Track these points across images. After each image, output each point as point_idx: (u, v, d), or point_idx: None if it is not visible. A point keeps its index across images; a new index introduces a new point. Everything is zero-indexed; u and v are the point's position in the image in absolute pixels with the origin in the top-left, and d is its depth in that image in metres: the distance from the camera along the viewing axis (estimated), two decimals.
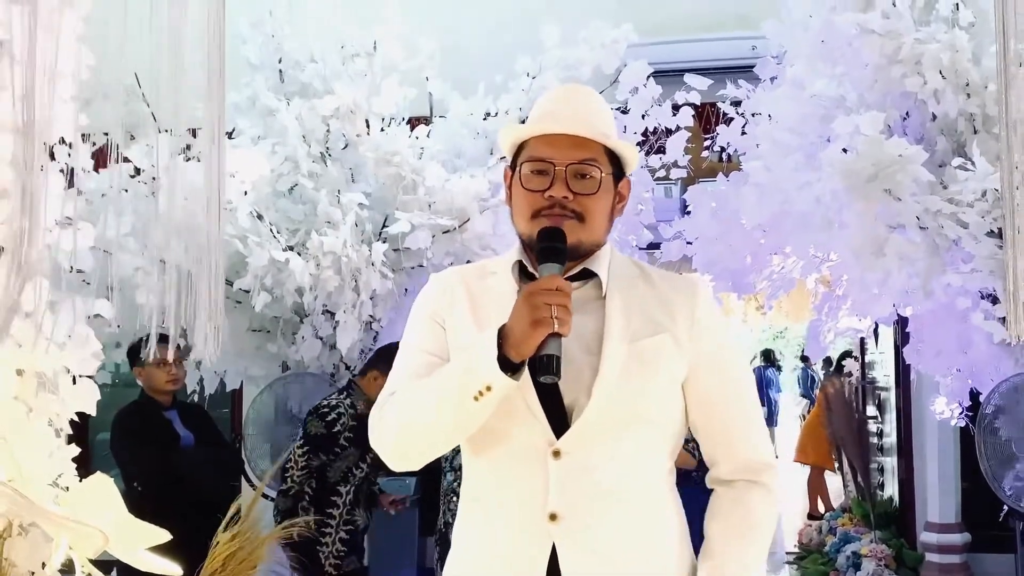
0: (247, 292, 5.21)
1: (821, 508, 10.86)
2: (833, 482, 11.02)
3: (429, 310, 2.11)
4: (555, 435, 1.92)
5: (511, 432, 1.95)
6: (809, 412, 13.03)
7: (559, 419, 1.93)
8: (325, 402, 4.60)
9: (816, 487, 11.28)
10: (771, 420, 17.71)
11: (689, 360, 2.00)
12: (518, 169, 2.05)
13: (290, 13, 5.64)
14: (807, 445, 11.50)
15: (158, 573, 2.87)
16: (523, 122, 2.35)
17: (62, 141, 3.41)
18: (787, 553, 9.57)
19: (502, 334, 1.82)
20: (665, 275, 2.14)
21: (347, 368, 5.65)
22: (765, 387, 17.51)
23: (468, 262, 3.95)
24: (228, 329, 5.42)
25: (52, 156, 3.37)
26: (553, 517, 1.91)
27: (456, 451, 3.23)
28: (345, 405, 4.46)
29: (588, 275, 2.04)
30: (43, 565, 3.05)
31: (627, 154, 2.07)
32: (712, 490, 2.13)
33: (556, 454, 1.92)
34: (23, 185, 3.29)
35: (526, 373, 1.88)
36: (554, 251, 1.91)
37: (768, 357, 17.90)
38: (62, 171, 3.46)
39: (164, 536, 2.96)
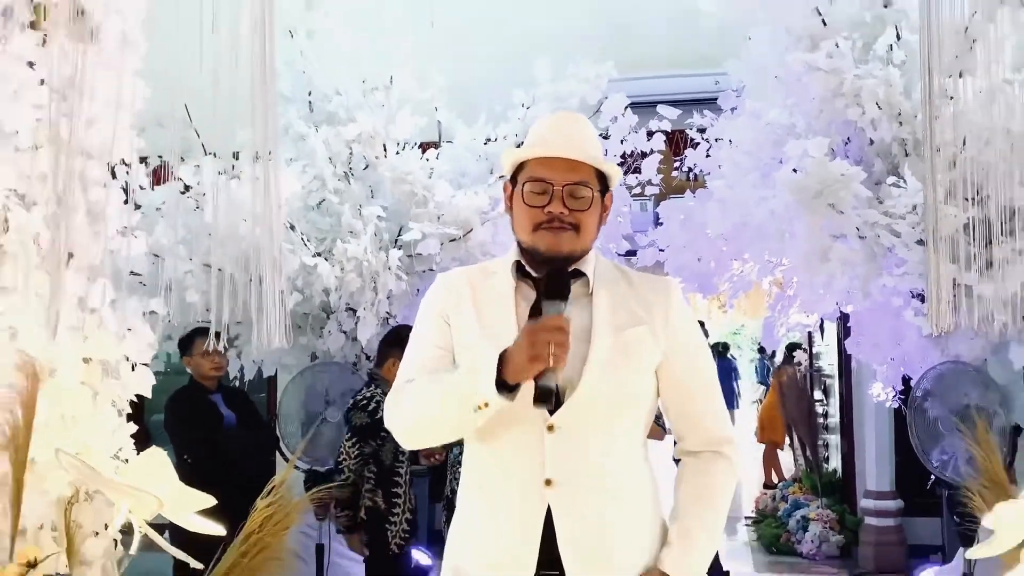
0: (281, 292, 5.17)
1: (774, 479, 10.88)
2: (785, 457, 11.03)
3: (437, 308, 2.12)
4: (549, 412, 1.93)
5: (511, 413, 1.93)
6: (765, 397, 13.03)
7: (553, 399, 1.94)
8: (360, 396, 4.50)
9: (770, 461, 11.31)
10: (733, 404, 17.73)
11: (663, 350, 2.01)
12: (519, 186, 2.05)
13: (318, 52, 5.64)
14: (763, 425, 11.55)
15: (205, 533, 2.88)
16: (519, 146, 2.36)
17: (123, 162, 3.42)
18: (745, 517, 9.52)
19: (503, 358, 1.83)
20: (643, 276, 2.15)
21: (367, 358, 5.62)
22: (730, 375, 17.47)
23: None
24: (256, 335, 5.47)
25: (114, 175, 3.37)
26: (549, 483, 1.92)
27: None
28: (378, 395, 4.36)
29: (577, 274, 2.04)
30: (105, 527, 3.04)
31: (612, 173, 2.07)
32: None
33: (551, 428, 1.93)
34: (88, 199, 3.30)
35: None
36: (559, 291, 1.91)
37: (721, 349, 17.90)
38: (123, 188, 3.46)
39: (210, 501, 2.96)
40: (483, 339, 1.99)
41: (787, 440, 10.94)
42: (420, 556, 5.17)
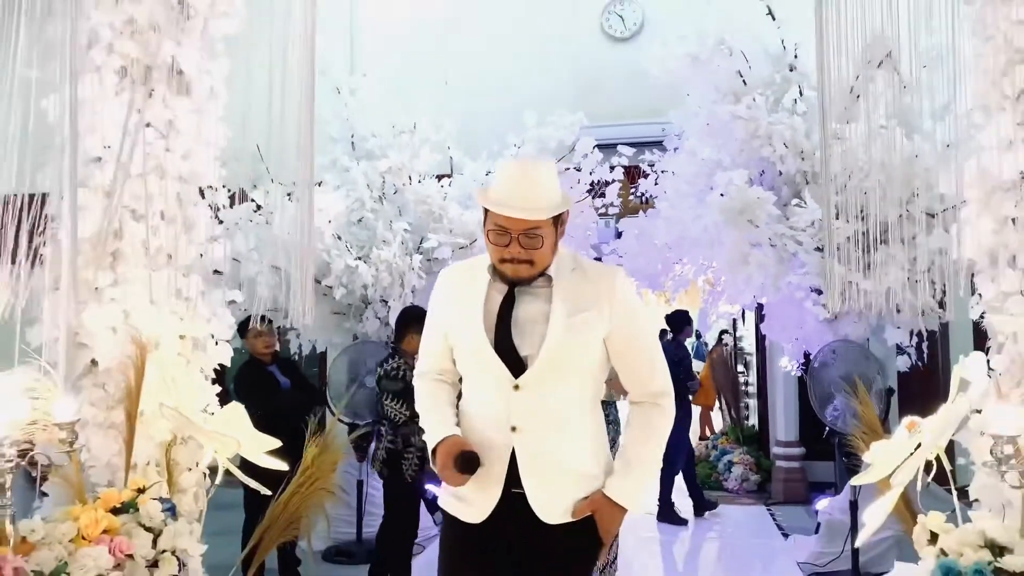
0: (330, 287, 5.15)
1: (708, 433, 10.87)
2: (715, 416, 10.98)
3: (436, 303, 2.12)
4: (514, 375, 1.91)
5: (486, 372, 1.95)
6: (702, 371, 12.95)
7: (518, 366, 1.91)
8: (390, 367, 4.28)
9: (705, 420, 11.28)
10: None
11: (610, 324, 1.95)
12: (486, 222, 1.98)
13: (358, 105, 5.59)
14: (700, 393, 11.50)
15: (271, 468, 2.87)
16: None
17: (209, 187, 3.39)
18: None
19: (436, 448, 1.96)
20: (595, 266, 2.07)
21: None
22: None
23: None
24: (318, 311, 5.37)
25: (202, 195, 3.34)
26: (514, 429, 1.90)
27: None
28: (403, 365, 4.25)
29: (540, 276, 1.98)
30: (196, 464, 3.02)
31: (564, 208, 1.98)
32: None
33: (516, 388, 1.90)
34: (184, 214, 3.27)
35: (490, 334, 1.94)
36: (468, 467, 1.90)
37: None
38: (208, 206, 3.43)
39: (276, 443, 2.94)
40: (459, 326, 2.01)
41: (716, 403, 10.91)
42: (432, 488, 5.13)
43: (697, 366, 18.53)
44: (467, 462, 1.89)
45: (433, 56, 6.53)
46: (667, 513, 6.22)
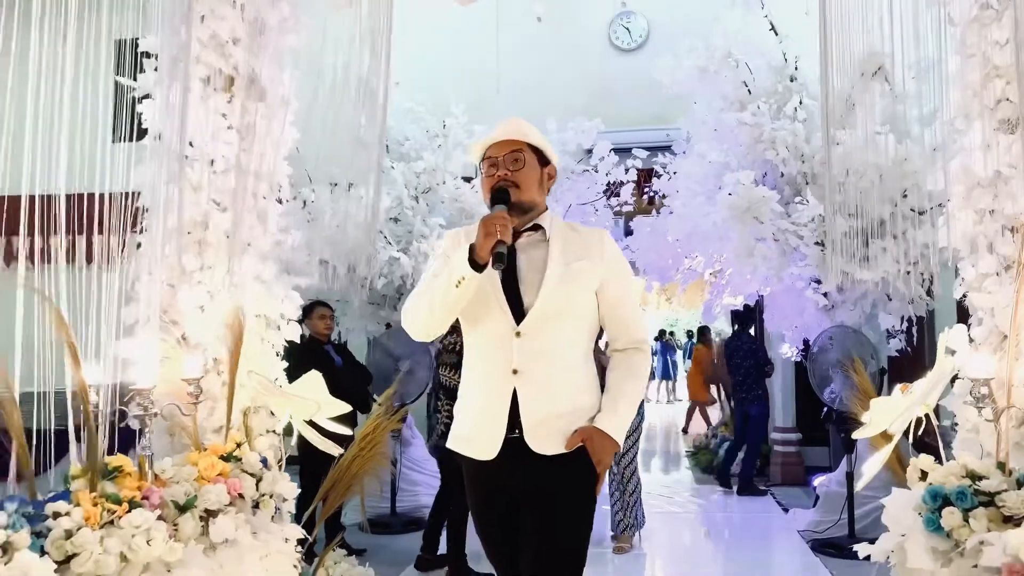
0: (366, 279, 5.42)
1: (691, 428, 11.17)
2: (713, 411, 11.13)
3: (444, 251, 2.14)
4: (516, 322, 1.99)
5: (490, 320, 2.02)
6: (689, 369, 13.18)
7: (519, 313, 2.00)
8: (448, 342, 4.48)
9: (690, 413, 11.54)
10: (672, 375, 17.28)
11: (601, 277, 2.06)
12: (481, 168, 2.14)
13: (392, 111, 5.88)
14: (693, 388, 11.72)
15: (336, 432, 3.19)
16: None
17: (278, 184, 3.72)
18: (686, 452, 9.57)
19: (471, 248, 1.90)
20: (586, 229, 2.18)
21: None
22: (671, 354, 17.14)
23: None
24: (357, 303, 5.70)
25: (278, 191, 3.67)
26: (515, 372, 1.98)
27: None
28: (458, 339, 4.27)
29: (536, 228, 2.08)
30: (266, 431, 3.34)
31: (541, 144, 2.12)
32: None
33: (518, 334, 1.98)
34: (259, 207, 3.59)
35: (496, 284, 1.99)
36: (501, 199, 1.99)
37: (667, 335, 17.53)
38: (277, 200, 3.75)
39: (346, 408, 3.28)
40: None
41: (708, 396, 11.09)
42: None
43: (687, 364, 18.52)
44: (496, 199, 1.99)
45: (456, 67, 6.80)
46: (748, 487, 6.86)
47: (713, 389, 11.78)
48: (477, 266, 1.90)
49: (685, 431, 11.13)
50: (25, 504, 2.01)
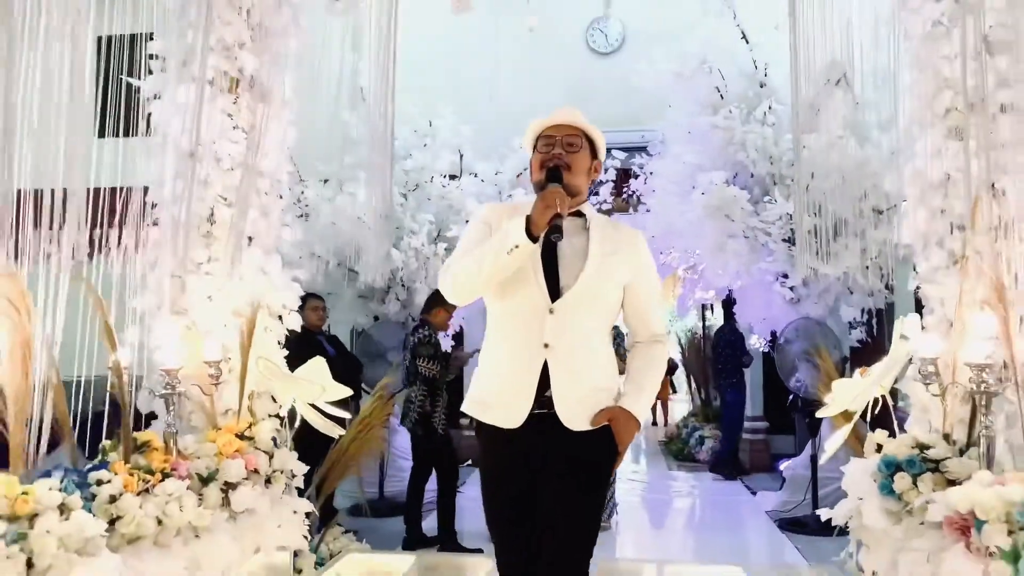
0: (356, 272, 5.58)
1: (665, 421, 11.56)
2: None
3: (485, 220, 2.18)
4: (551, 300, 2.05)
5: (527, 296, 2.06)
6: None
7: (555, 292, 2.05)
8: (422, 335, 4.69)
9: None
10: None
11: (633, 274, 2.14)
12: (536, 146, 2.17)
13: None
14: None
15: (336, 415, 3.36)
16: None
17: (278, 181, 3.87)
18: (659, 441, 9.88)
19: (527, 219, 1.94)
20: (623, 225, 2.24)
21: (412, 320, 5.88)
22: None
23: None
24: (347, 296, 5.85)
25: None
26: (546, 346, 2.03)
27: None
28: (431, 333, 4.68)
29: (579, 215, 2.14)
30: (268, 415, 3.50)
31: (596, 137, 2.19)
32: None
33: (551, 311, 2.04)
34: (261, 203, 3.75)
35: (537, 261, 2.03)
36: (555, 177, 2.03)
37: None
38: (279, 196, 3.91)
39: (349, 392, 3.45)
40: None
41: (689, 387, 11.37)
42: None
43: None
44: (552, 177, 2.04)
45: (443, 71, 6.94)
46: (720, 467, 7.30)
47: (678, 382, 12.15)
48: (532, 236, 1.94)
49: (656, 423, 11.39)
50: (71, 472, 2.19)
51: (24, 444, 1.99)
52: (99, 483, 2.21)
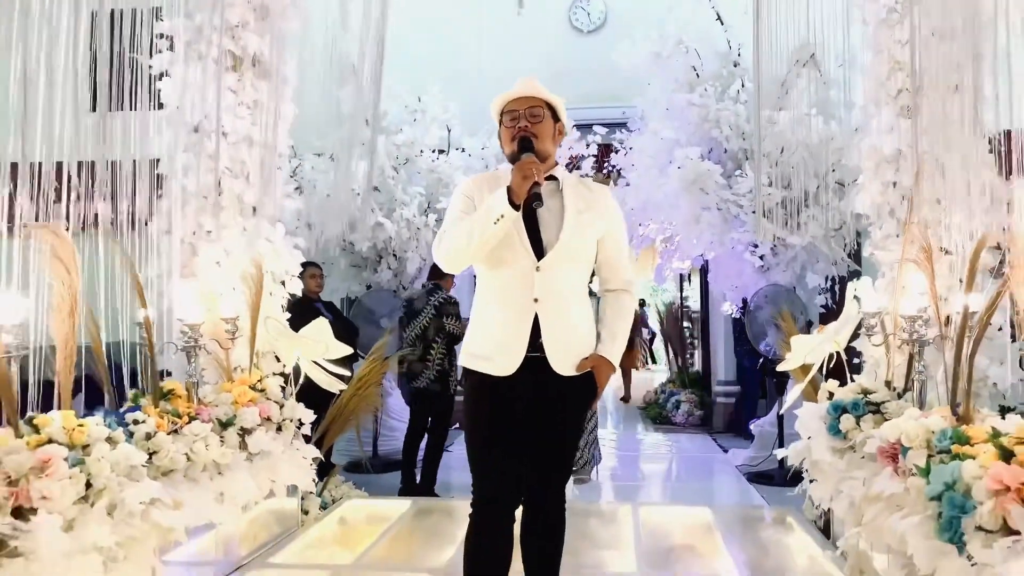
0: (352, 244, 5.81)
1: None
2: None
3: (466, 193, 2.30)
4: (537, 259, 2.19)
5: (514, 258, 2.19)
6: None
7: (540, 251, 2.19)
8: (444, 297, 4.86)
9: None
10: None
11: (604, 228, 2.28)
12: (502, 119, 2.30)
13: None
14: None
15: (337, 372, 3.60)
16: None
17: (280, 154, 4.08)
18: (638, 407, 10.05)
19: (508, 189, 2.07)
20: (592, 183, 2.38)
21: (404, 288, 6.12)
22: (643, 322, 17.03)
23: None
24: (342, 265, 6.07)
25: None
26: (536, 300, 2.18)
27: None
28: (449, 295, 4.90)
29: (551, 178, 2.26)
30: (272, 373, 3.74)
31: (556, 103, 2.31)
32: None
33: (538, 269, 2.18)
34: (264, 175, 3.95)
35: (520, 226, 2.16)
36: (527, 147, 2.15)
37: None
38: (278, 168, 4.11)
39: (349, 350, 3.69)
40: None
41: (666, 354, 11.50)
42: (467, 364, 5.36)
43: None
44: (523, 148, 2.15)
45: (429, 48, 7.02)
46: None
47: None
48: (515, 205, 2.07)
49: (626, 400, 10.67)
50: (110, 414, 2.44)
51: (71, 389, 2.22)
52: (135, 423, 2.45)
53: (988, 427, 1.94)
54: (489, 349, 2.23)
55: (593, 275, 2.42)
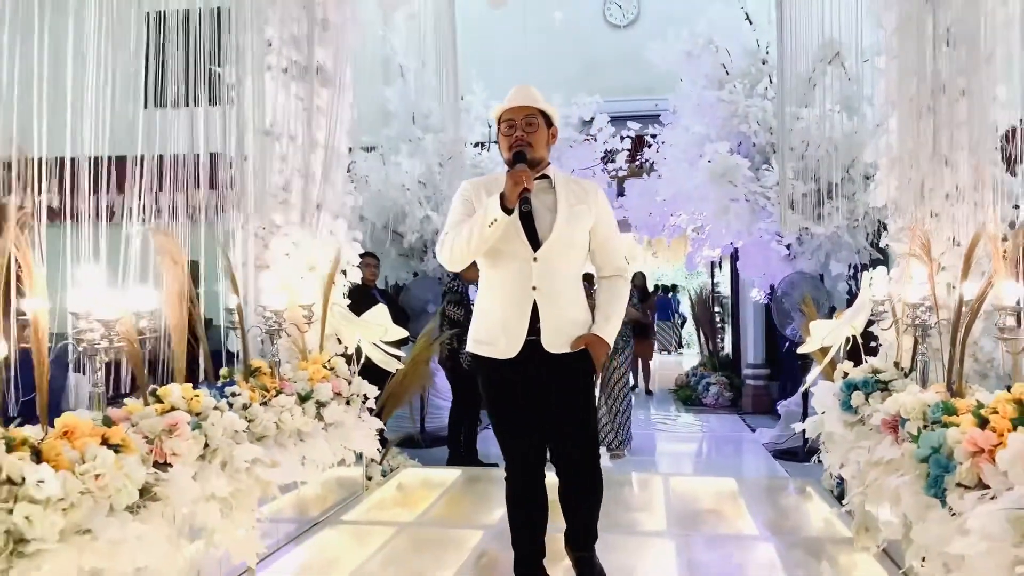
0: (402, 235, 6.16)
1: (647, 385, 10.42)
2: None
3: (466, 196, 2.44)
4: (533, 251, 2.33)
5: (512, 250, 2.33)
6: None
7: (536, 243, 2.33)
8: (452, 284, 5.25)
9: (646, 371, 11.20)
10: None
11: (593, 219, 2.42)
12: (499, 126, 2.44)
13: (419, 87, 6.54)
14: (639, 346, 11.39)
15: (394, 353, 3.92)
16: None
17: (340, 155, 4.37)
18: (670, 389, 10.16)
19: (501, 196, 2.21)
20: (583, 180, 2.52)
21: (448, 275, 6.38)
22: (675, 307, 16.27)
23: None
24: (392, 254, 6.40)
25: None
26: (534, 288, 2.34)
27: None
28: (460, 283, 5.24)
29: (544, 177, 2.40)
30: (335, 355, 4.08)
31: (550, 111, 2.44)
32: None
33: (535, 260, 2.33)
34: (325, 172, 4.27)
35: (516, 221, 2.28)
36: (520, 158, 2.29)
37: (667, 289, 16.52)
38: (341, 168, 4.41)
39: (405, 333, 4.01)
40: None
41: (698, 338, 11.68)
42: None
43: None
44: (517, 159, 2.28)
45: (471, 49, 7.29)
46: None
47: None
48: (507, 210, 2.23)
49: (649, 392, 9.91)
50: (211, 387, 2.82)
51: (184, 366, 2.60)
52: (233, 395, 2.82)
53: (974, 401, 2.21)
54: (493, 335, 2.40)
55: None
